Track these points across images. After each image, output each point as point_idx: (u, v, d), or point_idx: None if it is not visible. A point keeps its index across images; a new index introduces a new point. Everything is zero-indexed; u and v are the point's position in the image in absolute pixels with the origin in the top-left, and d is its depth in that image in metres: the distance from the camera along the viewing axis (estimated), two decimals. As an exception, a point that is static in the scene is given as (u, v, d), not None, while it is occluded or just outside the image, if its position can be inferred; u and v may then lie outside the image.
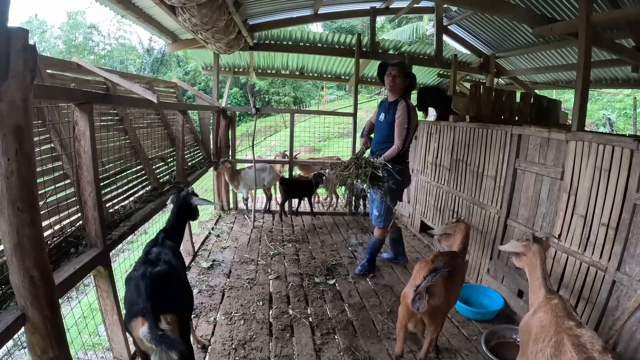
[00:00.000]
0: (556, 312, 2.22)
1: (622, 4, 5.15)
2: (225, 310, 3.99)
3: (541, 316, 2.28)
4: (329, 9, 7.91)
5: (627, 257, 2.85)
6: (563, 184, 3.52)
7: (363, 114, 23.03)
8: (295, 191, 7.45)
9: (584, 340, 1.97)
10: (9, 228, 1.72)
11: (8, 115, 1.65)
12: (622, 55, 5.93)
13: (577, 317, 2.21)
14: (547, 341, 2.10)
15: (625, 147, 2.88)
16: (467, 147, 5.22)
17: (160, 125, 5.27)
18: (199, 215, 3.43)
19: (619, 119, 17.39)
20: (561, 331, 2.08)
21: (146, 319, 2.05)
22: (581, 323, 2.13)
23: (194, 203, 3.23)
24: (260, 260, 5.32)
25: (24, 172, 1.73)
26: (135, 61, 34.92)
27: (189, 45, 7.09)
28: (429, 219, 6.39)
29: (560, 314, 2.20)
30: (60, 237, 2.61)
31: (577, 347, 1.94)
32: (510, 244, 2.88)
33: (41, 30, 34.90)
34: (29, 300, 1.82)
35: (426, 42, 15.20)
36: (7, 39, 1.62)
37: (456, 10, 7.90)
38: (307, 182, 7.43)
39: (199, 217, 3.50)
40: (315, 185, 7.37)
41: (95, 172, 2.70)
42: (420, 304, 2.65)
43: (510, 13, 5.72)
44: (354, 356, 3.33)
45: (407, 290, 2.90)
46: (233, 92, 28.09)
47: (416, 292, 2.67)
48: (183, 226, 3.24)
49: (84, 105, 2.58)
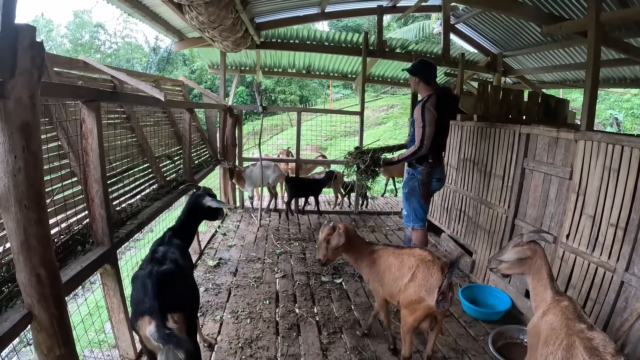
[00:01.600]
0: (566, 315, 2.19)
1: (631, 3, 5.10)
2: (231, 309, 3.99)
3: (551, 318, 2.25)
4: (335, 8, 7.88)
5: (636, 258, 2.82)
6: (572, 184, 3.49)
7: (369, 113, 23.04)
8: (302, 190, 7.44)
9: (596, 343, 1.94)
10: (16, 226, 1.72)
11: (15, 112, 1.65)
12: (630, 54, 5.87)
13: (587, 319, 2.18)
14: (557, 344, 2.08)
15: (635, 147, 2.85)
16: (475, 147, 5.19)
17: (167, 123, 5.28)
18: (218, 216, 3.37)
19: (626, 118, 17.24)
20: (572, 334, 2.06)
21: (153, 318, 2.05)
22: (592, 325, 2.10)
23: (207, 204, 3.15)
24: (266, 259, 5.32)
25: (31, 169, 1.73)
26: (142, 60, 35.04)
27: (195, 43, 7.09)
28: (436, 218, 6.36)
29: (570, 316, 2.17)
30: (67, 235, 2.62)
31: (589, 350, 1.91)
32: (512, 252, 2.68)
33: (47, 29, 35.07)
34: (36, 299, 1.83)
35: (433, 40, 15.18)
36: (14, 36, 1.61)
37: (463, 8, 7.85)
38: (313, 181, 7.42)
39: (219, 218, 3.48)
40: (325, 183, 7.36)
41: (102, 170, 2.70)
42: (445, 303, 2.61)
43: (518, 12, 5.66)
44: (361, 356, 3.32)
45: (422, 294, 2.76)
46: (239, 90, 28.15)
47: (440, 292, 2.61)
48: (194, 226, 3.23)
49: (91, 103, 2.59)
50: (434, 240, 6.26)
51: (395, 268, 3.04)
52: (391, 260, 3.10)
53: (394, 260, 3.07)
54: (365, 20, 29.80)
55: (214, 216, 3.33)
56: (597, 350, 1.90)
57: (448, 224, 5.94)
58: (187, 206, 3.19)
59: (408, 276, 2.90)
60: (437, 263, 2.86)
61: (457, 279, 4.89)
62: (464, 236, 5.39)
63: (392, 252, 3.16)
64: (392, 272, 3.05)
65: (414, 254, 3.00)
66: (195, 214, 3.20)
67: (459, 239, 5.53)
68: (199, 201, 3.17)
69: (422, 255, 2.96)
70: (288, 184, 7.23)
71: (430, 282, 2.76)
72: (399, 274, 2.98)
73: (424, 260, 2.92)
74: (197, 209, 3.18)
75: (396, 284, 2.97)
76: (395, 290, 2.98)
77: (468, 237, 5.28)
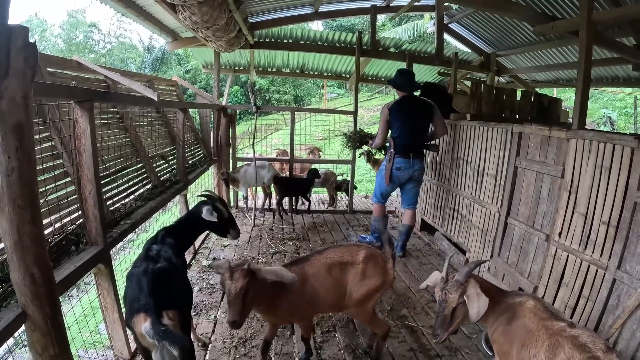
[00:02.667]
0: (539, 315, 2.15)
1: (623, 2, 5.14)
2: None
3: (523, 322, 2.18)
4: (329, 7, 7.89)
5: (628, 256, 2.85)
6: (564, 182, 3.51)
7: (363, 112, 23.06)
8: (290, 189, 7.44)
9: (583, 340, 1.93)
10: (10, 225, 1.72)
11: (9, 112, 1.65)
12: (623, 53, 5.92)
13: (563, 316, 2.16)
14: (539, 346, 2.04)
15: (626, 145, 2.88)
16: (468, 145, 5.22)
17: (160, 123, 5.28)
18: (227, 234, 3.40)
19: (619, 117, 17.35)
20: (554, 334, 2.02)
21: (148, 315, 2.05)
22: (572, 323, 2.10)
23: (203, 215, 3.17)
24: (260, 259, 5.32)
25: (25, 169, 1.73)
26: (136, 60, 34.91)
27: (189, 43, 7.08)
28: (430, 217, 6.39)
29: (544, 316, 2.13)
30: (60, 235, 2.62)
31: (578, 348, 1.90)
32: (448, 304, 2.31)
33: (41, 29, 34.86)
34: (30, 298, 1.83)
35: (427, 40, 15.23)
36: (7, 36, 1.61)
37: (457, 8, 7.89)
38: (301, 180, 7.41)
39: (228, 236, 3.45)
40: (311, 182, 7.36)
41: (95, 170, 2.70)
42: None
43: (511, 11, 5.70)
44: (354, 354, 3.33)
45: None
46: (233, 90, 28.12)
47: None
48: (192, 232, 3.26)
49: (84, 103, 2.59)
50: (428, 239, 6.29)
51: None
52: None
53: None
54: (359, 20, 29.83)
55: (221, 231, 3.37)
56: (587, 346, 1.89)
57: (441, 222, 5.97)
58: (188, 212, 3.31)
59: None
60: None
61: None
62: (458, 235, 5.42)
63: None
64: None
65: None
66: (191, 221, 3.23)
67: (453, 237, 5.56)
68: (199, 210, 3.20)
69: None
70: (276, 184, 7.20)
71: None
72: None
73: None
74: (195, 218, 3.21)
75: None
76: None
77: (461, 236, 5.31)
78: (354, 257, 2.93)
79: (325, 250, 3.02)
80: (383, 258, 2.99)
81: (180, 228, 3.11)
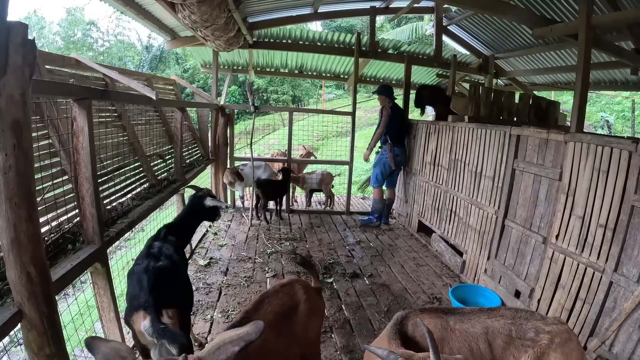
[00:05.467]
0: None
1: (622, 6, 5.15)
2: (222, 308, 3.99)
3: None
4: (328, 8, 7.89)
5: (625, 259, 2.86)
6: (561, 185, 3.52)
7: (362, 113, 23.03)
8: (272, 192, 7.19)
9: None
10: (6, 224, 1.71)
11: (6, 110, 1.64)
12: (621, 57, 5.93)
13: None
14: None
15: (624, 148, 2.89)
16: (466, 147, 5.22)
17: (158, 122, 5.26)
18: (218, 216, 3.51)
19: (617, 121, 17.38)
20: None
21: (148, 313, 2.05)
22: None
23: (208, 204, 3.29)
24: (257, 259, 5.32)
25: (22, 167, 1.72)
26: (134, 58, 34.80)
27: (188, 42, 7.07)
28: (427, 219, 6.39)
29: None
30: (57, 234, 2.61)
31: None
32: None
33: (40, 27, 34.70)
34: (26, 297, 1.82)
35: (426, 42, 15.20)
36: (6, 33, 1.61)
37: (456, 10, 7.90)
38: (278, 182, 7.28)
39: (217, 218, 3.56)
40: (287, 182, 7.26)
41: (93, 169, 2.69)
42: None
43: (510, 14, 5.70)
44: (351, 355, 3.33)
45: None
46: (232, 90, 28.05)
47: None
48: (192, 226, 3.32)
49: (82, 101, 2.58)
50: (425, 241, 6.29)
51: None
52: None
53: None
54: (358, 21, 29.80)
55: (213, 217, 3.44)
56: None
57: (439, 224, 5.97)
58: (188, 206, 3.33)
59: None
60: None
61: (447, 279, 4.92)
62: (455, 236, 5.42)
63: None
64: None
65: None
66: (196, 213, 3.31)
67: (450, 239, 5.56)
68: (201, 202, 3.29)
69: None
70: (259, 188, 6.90)
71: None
72: None
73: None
74: (198, 209, 3.30)
75: None
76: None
77: (458, 238, 5.31)
78: (295, 298, 2.38)
79: (260, 304, 2.22)
80: (316, 285, 2.70)
81: (184, 224, 3.18)
